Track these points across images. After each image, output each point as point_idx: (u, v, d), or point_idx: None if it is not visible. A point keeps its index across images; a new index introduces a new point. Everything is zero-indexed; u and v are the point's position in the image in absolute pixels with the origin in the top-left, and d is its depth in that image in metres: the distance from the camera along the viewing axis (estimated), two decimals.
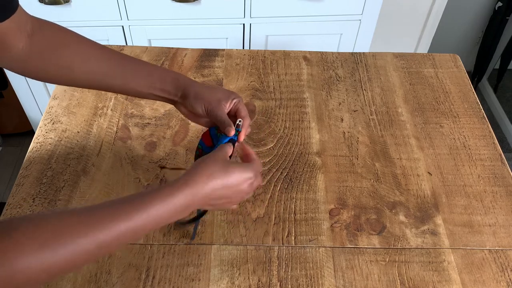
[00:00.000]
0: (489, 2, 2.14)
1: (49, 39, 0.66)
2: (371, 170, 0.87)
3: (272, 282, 0.71)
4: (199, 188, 0.55)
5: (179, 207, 0.53)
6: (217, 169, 0.57)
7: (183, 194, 0.54)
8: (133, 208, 0.50)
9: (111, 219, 0.48)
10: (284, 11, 1.45)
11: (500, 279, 0.73)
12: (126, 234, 0.49)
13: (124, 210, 0.50)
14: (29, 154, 0.87)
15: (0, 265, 0.41)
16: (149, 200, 0.51)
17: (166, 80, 0.69)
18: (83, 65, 0.67)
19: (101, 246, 0.48)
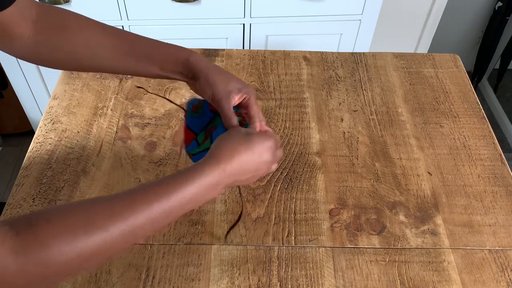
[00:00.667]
0: (489, 2, 2.14)
1: (55, 24, 0.65)
2: (371, 170, 0.87)
3: (272, 282, 0.71)
4: (226, 164, 0.55)
5: (209, 185, 0.53)
6: (239, 142, 0.58)
7: (211, 171, 0.54)
8: (166, 190, 0.50)
9: (144, 203, 0.48)
10: (284, 11, 1.45)
11: (500, 279, 0.73)
12: (160, 217, 0.49)
13: (157, 193, 0.50)
14: (29, 154, 0.87)
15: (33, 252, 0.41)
16: (181, 181, 0.51)
17: (178, 62, 0.67)
18: (90, 50, 0.66)
19: (135, 230, 0.47)
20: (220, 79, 0.66)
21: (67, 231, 0.43)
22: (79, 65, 0.68)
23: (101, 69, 0.70)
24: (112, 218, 0.46)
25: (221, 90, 0.65)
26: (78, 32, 0.66)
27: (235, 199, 0.81)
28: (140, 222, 0.47)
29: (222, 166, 0.55)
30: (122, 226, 0.46)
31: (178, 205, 0.51)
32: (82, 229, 0.44)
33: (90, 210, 0.46)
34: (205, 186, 0.53)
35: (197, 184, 0.52)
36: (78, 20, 0.67)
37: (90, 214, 0.45)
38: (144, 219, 0.48)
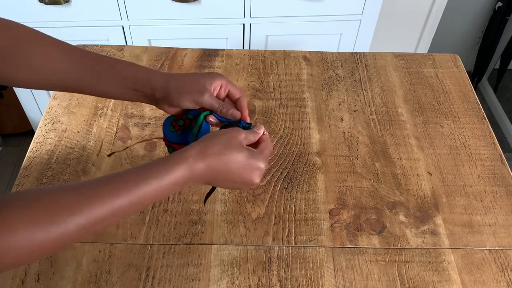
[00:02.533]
0: (489, 2, 2.14)
1: (7, 38, 0.61)
2: (371, 170, 0.87)
3: (272, 282, 0.71)
4: (197, 167, 0.53)
5: (175, 183, 0.52)
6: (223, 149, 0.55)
7: (180, 169, 0.52)
8: (129, 185, 0.49)
9: (107, 195, 0.48)
10: (284, 11, 1.45)
11: (500, 279, 0.73)
12: (121, 210, 0.49)
13: (120, 187, 0.49)
14: (29, 154, 0.87)
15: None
16: (146, 176, 0.50)
17: (137, 80, 0.64)
18: (45, 64, 0.62)
19: (96, 222, 0.47)
20: (189, 82, 0.64)
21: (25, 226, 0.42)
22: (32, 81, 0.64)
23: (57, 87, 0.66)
24: (71, 213, 0.45)
25: (196, 90, 0.63)
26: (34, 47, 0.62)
27: (235, 199, 0.81)
28: (99, 216, 0.47)
29: (193, 167, 0.53)
30: (81, 220, 0.46)
31: (140, 199, 0.50)
32: (40, 225, 0.43)
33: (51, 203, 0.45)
34: (171, 183, 0.52)
35: (162, 180, 0.51)
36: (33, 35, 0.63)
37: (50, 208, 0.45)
38: (104, 213, 0.47)
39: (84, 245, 0.75)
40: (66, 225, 0.45)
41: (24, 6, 1.37)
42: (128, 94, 0.65)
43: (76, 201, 0.46)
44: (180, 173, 0.52)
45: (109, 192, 0.48)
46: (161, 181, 0.51)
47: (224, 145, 0.56)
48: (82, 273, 0.71)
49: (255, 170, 0.58)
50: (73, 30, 1.43)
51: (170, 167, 0.52)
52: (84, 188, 0.48)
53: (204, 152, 0.54)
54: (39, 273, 0.71)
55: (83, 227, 0.46)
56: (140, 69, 0.65)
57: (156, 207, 0.80)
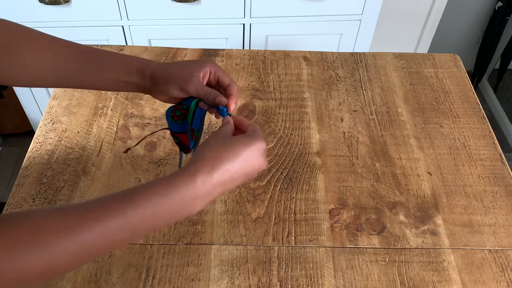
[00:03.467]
0: (489, 2, 2.14)
1: (2, 37, 0.61)
2: (371, 170, 0.87)
3: (272, 282, 0.71)
4: (205, 175, 0.48)
5: (182, 201, 0.47)
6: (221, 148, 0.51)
7: (185, 185, 0.47)
8: (122, 205, 0.44)
9: (98, 218, 0.43)
10: (284, 11, 1.45)
11: (500, 279, 0.73)
12: (115, 234, 0.43)
13: (113, 207, 0.44)
14: (29, 154, 0.87)
15: None
16: (143, 194, 0.45)
17: (131, 71, 0.63)
18: (39, 61, 0.62)
19: (87, 247, 0.42)
20: (177, 69, 0.63)
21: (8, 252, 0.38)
22: (26, 78, 0.64)
23: (51, 83, 0.66)
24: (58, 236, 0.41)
25: (183, 76, 0.61)
26: (27, 44, 0.62)
27: (235, 199, 0.81)
28: (90, 241, 0.42)
29: (200, 179, 0.48)
30: (70, 244, 0.41)
31: (139, 221, 0.44)
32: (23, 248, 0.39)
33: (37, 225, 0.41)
34: (176, 202, 0.46)
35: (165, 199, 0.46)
36: (26, 32, 0.63)
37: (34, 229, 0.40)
38: (96, 238, 0.42)
39: None
40: (53, 249, 0.40)
41: (24, 6, 1.37)
42: (123, 86, 0.65)
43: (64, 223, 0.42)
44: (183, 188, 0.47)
45: (100, 215, 0.43)
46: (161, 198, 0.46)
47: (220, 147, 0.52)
48: (82, 273, 0.71)
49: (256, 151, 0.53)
50: (73, 30, 1.43)
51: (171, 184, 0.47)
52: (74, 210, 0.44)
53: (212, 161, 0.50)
54: None
55: (72, 252, 0.41)
56: (134, 61, 0.64)
57: None
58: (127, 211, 0.44)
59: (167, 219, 0.47)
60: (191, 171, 0.48)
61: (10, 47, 0.60)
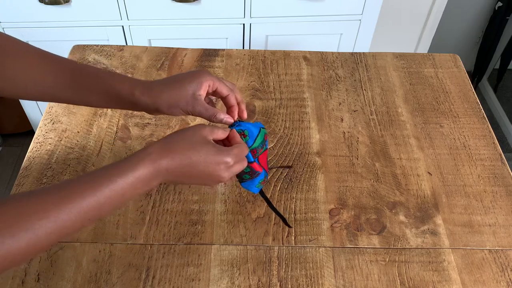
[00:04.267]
0: (489, 2, 2.14)
1: None
2: (371, 170, 0.87)
3: (272, 282, 0.71)
4: (162, 163, 0.53)
5: (141, 179, 0.52)
6: (185, 144, 0.55)
7: (144, 167, 0.52)
8: (95, 185, 0.49)
9: (73, 198, 0.47)
10: (284, 11, 1.45)
11: (500, 279, 0.73)
12: (90, 212, 0.48)
13: (85, 187, 0.48)
14: (29, 154, 0.87)
15: None
16: (111, 175, 0.50)
17: (121, 98, 0.62)
18: (28, 76, 0.61)
19: (64, 226, 0.46)
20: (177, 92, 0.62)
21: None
22: (16, 92, 0.63)
23: (40, 97, 0.65)
24: (39, 218, 0.44)
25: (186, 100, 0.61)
26: (18, 58, 0.61)
27: (235, 199, 0.81)
28: (67, 220, 0.46)
29: (157, 164, 0.53)
30: (50, 225, 0.45)
31: (108, 201, 0.49)
32: (9, 232, 0.42)
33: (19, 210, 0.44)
34: (137, 181, 0.51)
35: (127, 178, 0.51)
36: (17, 45, 0.62)
37: (18, 214, 0.44)
38: (72, 216, 0.47)
39: (84, 245, 0.75)
40: (34, 231, 0.44)
41: (24, 6, 1.37)
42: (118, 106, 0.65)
43: (43, 205, 0.46)
44: (145, 169, 0.52)
45: (75, 194, 0.47)
46: (126, 178, 0.50)
47: (186, 140, 0.55)
48: (82, 273, 0.71)
49: (220, 164, 0.56)
50: (73, 30, 1.43)
51: (134, 164, 0.52)
52: (49, 193, 0.47)
53: (167, 148, 0.54)
54: (39, 273, 0.71)
55: (53, 231, 0.45)
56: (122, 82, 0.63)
57: (156, 207, 0.80)
58: (95, 192, 0.48)
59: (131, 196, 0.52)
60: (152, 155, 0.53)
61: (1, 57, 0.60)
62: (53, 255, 0.73)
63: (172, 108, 0.62)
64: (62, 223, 0.46)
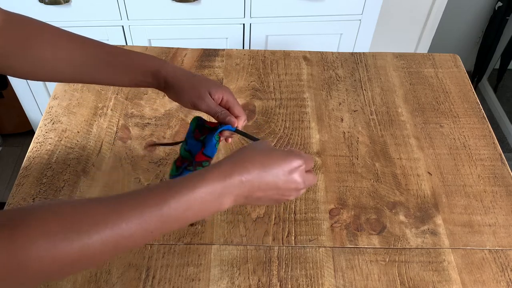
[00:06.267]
0: (489, 2, 2.14)
1: (20, 30, 0.63)
2: (371, 170, 0.87)
3: (272, 282, 0.71)
4: (234, 173, 0.49)
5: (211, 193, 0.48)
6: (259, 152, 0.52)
7: (213, 178, 0.48)
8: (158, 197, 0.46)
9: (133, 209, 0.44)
10: (284, 11, 1.45)
11: (500, 279, 0.73)
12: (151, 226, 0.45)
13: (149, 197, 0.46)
14: (29, 154, 0.87)
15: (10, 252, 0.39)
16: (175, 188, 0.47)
17: (147, 73, 0.66)
18: (57, 56, 0.64)
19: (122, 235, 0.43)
20: (192, 84, 0.65)
21: (46, 236, 0.40)
22: (45, 73, 0.66)
23: (66, 78, 0.68)
24: (96, 223, 0.42)
25: (198, 93, 0.64)
26: (46, 39, 0.64)
27: None
28: (127, 230, 0.43)
29: (229, 178, 0.49)
30: (106, 234, 0.42)
31: (173, 213, 0.46)
32: (62, 235, 0.40)
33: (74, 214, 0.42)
34: (204, 194, 0.48)
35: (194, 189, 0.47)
36: (45, 27, 0.65)
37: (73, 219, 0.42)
38: (132, 227, 0.43)
39: None
40: (89, 236, 0.41)
41: (24, 6, 1.37)
42: (138, 84, 0.68)
43: (101, 212, 0.43)
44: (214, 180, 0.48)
45: (137, 205, 0.44)
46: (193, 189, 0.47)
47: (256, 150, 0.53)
48: (82, 273, 0.71)
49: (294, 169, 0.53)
50: (73, 30, 1.41)
51: (202, 175, 0.49)
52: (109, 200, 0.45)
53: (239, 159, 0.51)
54: None
55: (108, 240, 0.42)
56: (151, 62, 0.67)
57: None
58: (161, 205, 0.45)
59: (196, 214, 0.48)
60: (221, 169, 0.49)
61: (30, 42, 0.63)
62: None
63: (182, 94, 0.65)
64: (120, 231, 0.43)
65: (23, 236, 0.39)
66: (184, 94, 0.65)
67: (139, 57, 0.67)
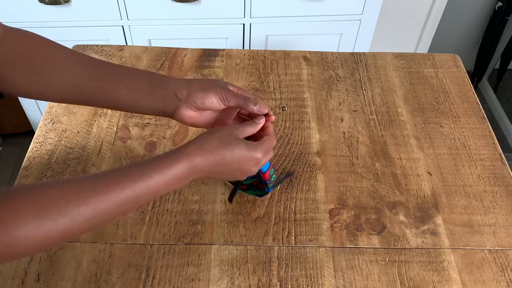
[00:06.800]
0: (489, 2, 2.14)
1: (19, 45, 0.61)
2: (371, 170, 0.87)
3: (272, 282, 0.71)
4: (197, 162, 0.56)
5: (177, 178, 0.55)
6: (219, 144, 0.58)
7: (181, 166, 0.55)
8: (134, 179, 0.51)
9: (111, 189, 0.49)
10: (284, 11, 1.45)
11: (500, 279, 0.73)
12: (126, 203, 0.51)
13: (125, 180, 0.51)
14: (29, 154, 0.87)
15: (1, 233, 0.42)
16: (149, 171, 0.53)
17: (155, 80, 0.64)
18: (56, 70, 0.62)
19: (101, 214, 0.48)
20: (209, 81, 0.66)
21: (34, 216, 0.44)
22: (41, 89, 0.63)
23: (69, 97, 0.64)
24: (78, 204, 0.47)
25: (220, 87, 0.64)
26: (45, 54, 0.62)
27: (235, 199, 0.81)
28: (105, 208, 0.49)
29: (193, 164, 0.56)
30: (88, 212, 0.47)
31: (144, 193, 0.52)
32: (48, 215, 0.45)
33: (58, 195, 0.46)
34: (173, 178, 0.54)
35: (165, 176, 0.53)
36: (44, 42, 0.63)
37: (57, 199, 0.46)
38: (110, 206, 0.49)
39: (84, 245, 0.75)
40: (73, 216, 0.46)
41: (24, 6, 1.37)
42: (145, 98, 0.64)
43: (83, 193, 0.48)
44: (182, 168, 0.55)
45: (115, 186, 0.50)
46: (164, 176, 0.53)
47: (221, 140, 0.58)
48: (82, 273, 0.71)
49: (252, 160, 0.60)
50: (73, 30, 1.43)
51: (172, 163, 0.54)
52: (90, 181, 0.49)
53: (203, 148, 0.57)
54: (39, 273, 0.71)
55: (89, 219, 0.47)
56: (154, 73, 0.67)
57: (156, 207, 0.80)
58: (134, 185, 0.51)
59: (165, 191, 0.55)
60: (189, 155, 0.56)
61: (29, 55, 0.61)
62: (53, 255, 0.73)
63: (208, 90, 0.63)
64: (100, 211, 0.48)
65: (12, 216, 0.43)
66: (210, 91, 0.63)
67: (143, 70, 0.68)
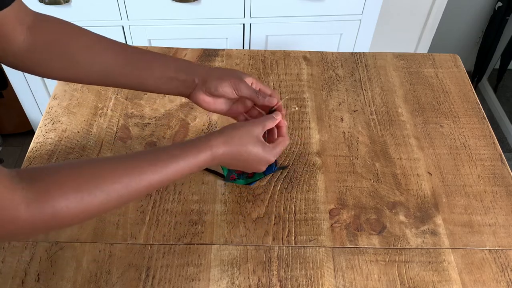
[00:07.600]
0: (489, 2, 2.14)
1: (51, 31, 0.65)
2: (371, 170, 0.87)
3: (272, 282, 0.71)
4: (218, 154, 0.62)
5: (199, 166, 0.60)
6: (241, 142, 0.63)
7: (204, 156, 0.60)
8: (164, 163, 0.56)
9: (144, 171, 0.54)
10: (284, 11, 1.45)
11: (500, 279, 0.73)
12: (153, 184, 0.55)
13: (156, 164, 0.55)
14: (29, 154, 0.87)
15: (43, 204, 0.45)
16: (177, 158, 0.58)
17: (180, 66, 0.70)
18: (88, 55, 0.66)
19: (132, 193, 0.53)
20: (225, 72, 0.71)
21: (74, 190, 0.48)
22: (75, 73, 0.68)
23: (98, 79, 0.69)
24: (113, 182, 0.51)
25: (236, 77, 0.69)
26: (77, 39, 0.66)
27: (235, 199, 0.81)
28: (136, 187, 0.53)
29: (215, 155, 0.61)
30: (121, 189, 0.52)
31: (170, 176, 0.57)
32: (87, 190, 0.48)
33: (95, 172, 0.51)
34: (196, 166, 0.60)
35: (190, 163, 0.59)
36: (75, 28, 0.67)
37: (95, 176, 0.50)
38: (140, 185, 0.53)
39: (84, 245, 0.75)
40: (108, 192, 0.50)
41: None
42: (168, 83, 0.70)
43: (117, 171, 0.52)
44: (204, 158, 0.60)
45: (147, 167, 0.54)
46: (188, 163, 0.59)
47: (243, 138, 0.64)
48: (82, 273, 0.71)
49: (263, 161, 0.67)
50: None
51: (197, 153, 0.60)
52: (123, 162, 0.54)
53: (227, 142, 0.62)
54: (39, 273, 0.71)
55: (122, 195, 0.52)
56: (179, 58, 0.73)
57: (156, 207, 0.80)
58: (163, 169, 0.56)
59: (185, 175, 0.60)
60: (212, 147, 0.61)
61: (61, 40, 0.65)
62: (53, 255, 0.73)
63: (223, 79, 0.69)
64: (132, 189, 0.53)
65: (56, 188, 0.47)
66: (226, 79, 0.69)
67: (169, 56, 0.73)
